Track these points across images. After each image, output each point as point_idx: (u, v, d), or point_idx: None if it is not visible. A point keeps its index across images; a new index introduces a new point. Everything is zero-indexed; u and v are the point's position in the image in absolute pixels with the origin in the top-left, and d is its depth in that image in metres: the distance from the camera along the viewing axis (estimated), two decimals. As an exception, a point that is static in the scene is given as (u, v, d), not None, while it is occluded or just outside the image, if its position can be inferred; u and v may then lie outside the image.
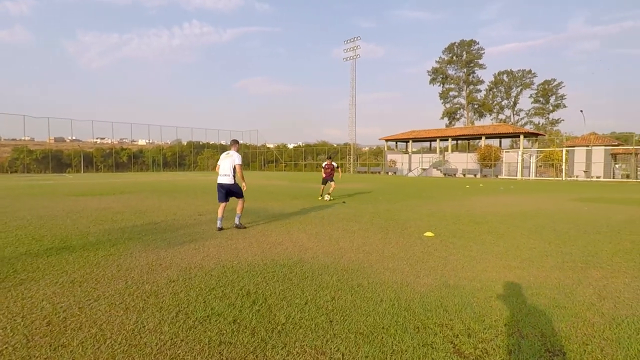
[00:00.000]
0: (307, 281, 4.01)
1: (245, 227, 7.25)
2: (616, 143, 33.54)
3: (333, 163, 13.46)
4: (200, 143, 62.61)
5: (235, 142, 7.40)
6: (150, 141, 61.91)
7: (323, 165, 13.39)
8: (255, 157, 66.17)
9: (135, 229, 6.99)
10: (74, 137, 51.74)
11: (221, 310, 3.19)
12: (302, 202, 12.05)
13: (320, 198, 12.77)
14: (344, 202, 12.13)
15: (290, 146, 73.96)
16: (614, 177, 31.67)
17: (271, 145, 75.00)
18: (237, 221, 7.27)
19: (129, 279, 4.05)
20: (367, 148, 75.42)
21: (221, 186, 7.12)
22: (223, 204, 7.14)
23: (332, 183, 13.03)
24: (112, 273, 4.24)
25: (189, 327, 2.88)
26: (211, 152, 61.19)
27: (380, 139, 50.75)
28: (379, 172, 46.89)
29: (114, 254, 5.08)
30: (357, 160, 55.72)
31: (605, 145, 32.35)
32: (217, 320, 3.00)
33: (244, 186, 7.27)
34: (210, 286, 3.81)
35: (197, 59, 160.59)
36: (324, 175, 13.23)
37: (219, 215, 7.09)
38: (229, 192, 7.17)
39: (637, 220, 8.48)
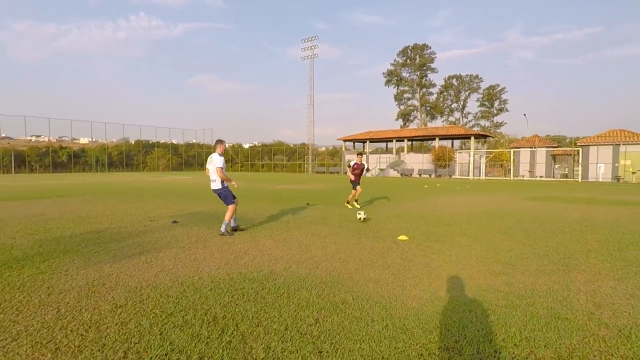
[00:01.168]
0: (283, 299, 3.47)
1: (232, 234, 6.62)
2: (556, 145, 36.06)
3: (364, 162, 11.07)
4: (150, 142, 59.21)
5: (218, 142, 6.84)
6: (94, 139, 57.54)
7: (351, 164, 10.79)
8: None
9: (73, 239, 6.02)
10: (3, 135, 46.71)
11: (183, 345, 2.57)
12: (264, 204, 11.40)
13: (349, 206, 10.29)
14: (307, 203, 11.64)
15: (246, 146, 72.33)
16: (553, 177, 33.99)
17: (226, 145, 72.79)
18: (222, 229, 6.57)
19: (63, 305, 3.28)
20: (323, 148, 75.63)
21: (214, 192, 6.87)
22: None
23: (359, 187, 10.60)
24: (40, 298, 3.43)
25: (142, 372, 2.25)
26: (162, 151, 58.06)
27: (338, 139, 50.90)
28: (337, 172, 46.97)
29: (44, 273, 4.21)
30: (314, 161, 55.51)
31: (547, 147, 34.65)
32: (177, 358, 2.39)
33: (233, 184, 6.89)
34: (168, 311, 3.15)
35: (146, 54, 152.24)
36: (352, 178, 10.64)
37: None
38: (220, 197, 6.82)
39: (590, 219, 8.80)
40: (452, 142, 44.52)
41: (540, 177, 33.02)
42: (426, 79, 69.91)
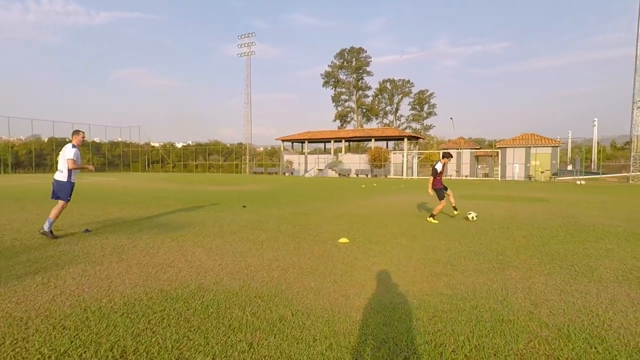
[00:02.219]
0: (211, 321, 2.99)
1: (56, 237, 6.05)
2: (478, 147, 39.11)
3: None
4: (67, 140, 53.35)
5: (75, 132, 6.54)
6: (-5, 136, 50.30)
7: (437, 168, 8.58)
8: (137, 157, 59.24)
9: (-53, 257, 4.88)
10: None
11: (74, 397, 2.00)
12: (196, 208, 10.58)
13: (435, 221, 8.22)
14: (244, 206, 11.04)
15: (179, 145, 68.50)
16: (477, 176, 36.79)
17: (156, 144, 68.32)
18: (45, 227, 6.10)
19: None
20: (262, 148, 74.33)
21: (54, 182, 6.37)
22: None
23: (449, 191, 8.93)
24: None
25: None
26: (81, 150, 52.47)
27: (276, 139, 50.25)
28: (276, 173, 46.32)
29: None
30: (252, 161, 54.25)
31: (471, 149, 37.42)
32: (65, 420, 1.83)
33: (90, 169, 6.92)
34: (60, 349, 2.51)
35: (62, 41, 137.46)
36: (436, 186, 8.63)
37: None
38: (56, 188, 6.31)
39: (514, 216, 9.39)
40: (387, 143, 46.22)
41: (466, 176, 35.54)
42: (362, 82, 72.00)
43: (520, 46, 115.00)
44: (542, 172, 31.53)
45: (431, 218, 8.30)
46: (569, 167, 59.77)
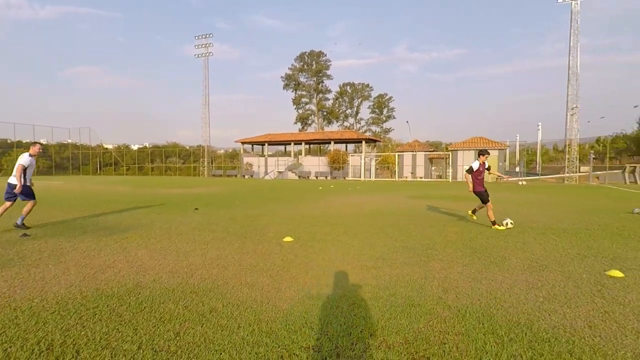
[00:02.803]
0: (143, 314, 3.15)
1: (26, 230, 6.88)
2: (432, 149, 40.89)
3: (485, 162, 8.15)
4: (8, 141, 49.79)
5: (32, 143, 7.47)
6: None
7: (473, 165, 8.03)
8: (87, 159, 56.22)
9: None
10: None
11: (-5, 386, 2.12)
12: (146, 211, 10.43)
13: (501, 227, 7.48)
14: (196, 208, 11.01)
15: (135, 147, 65.83)
16: (431, 177, 38.45)
17: (110, 146, 65.23)
18: (18, 221, 7.16)
19: None
20: (222, 151, 73.03)
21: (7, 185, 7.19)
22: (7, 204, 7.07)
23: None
24: None
25: None
26: (24, 152, 49.16)
27: (235, 142, 49.68)
28: (236, 176, 45.79)
29: None
30: (212, 163, 53.24)
31: (425, 151, 39.08)
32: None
33: (18, 187, 6.99)
34: (-15, 345, 2.59)
35: (3, 37, 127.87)
36: (476, 188, 8.02)
37: None
38: (8, 191, 7.11)
39: (453, 214, 10.11)
40: (346, 146, 47.11)
41: (420, 178, 37.05)
42: (322, 85, 72.83)
43: (473, 54, 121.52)
44: (489, 173, 33.51)
45: (496, 226, 7.53)
46: (517, 169, 63.71)
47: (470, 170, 8.00)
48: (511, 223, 7.50)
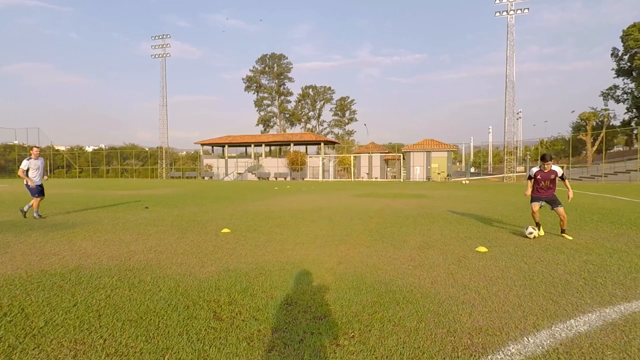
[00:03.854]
0: (81, 286, 3.84)
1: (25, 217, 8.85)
2: (387, 151, 42.85)
3: (556, 168, 6.90)
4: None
5: (30, 148, 9.59)
6: None
7: (534, 173, 6.99)
8: (36, 162, 53.44)
9: None
10: None
11: (-44, 329, 2.78)
12: (96, 211, 10.78)
13: (537, 234, 6.65)
14: (146, 207, 11.47)
15: (89, 149, 63.32)
16: (387, 177, 40.29)
17: (62, 148, 62.34)
18: (25, 207, 9.21)
19: None
20: (184, 152, 71.80)
21: None
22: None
23: (561, 208, 6.78)
24: None
25: None
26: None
27: (195, 143, 49.29)
28: (195, 177, 45.47)
29: None
30: (172, 165, 52.44)
31: (381, 153, 40.91)
32: (-51, 340, 2.62)
33: (30, 184, 8.95)
34: (-57, 308, 3.20)
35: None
36: (539, 193, 6.95)
37: None
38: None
39: (386, 209, 11.26)
40: (307, 148, 48.17)
41: (376, 178, 38.78)
42: (284, 88, 73.60)
43: (432, 59, 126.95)
44: (438, 173, 35.80)
45: (565, 234, 6.72)
46: (472, 170, 67.47)
47: (529, 177, 7.23)
48: (533, 233, 6.49)
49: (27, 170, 8.93)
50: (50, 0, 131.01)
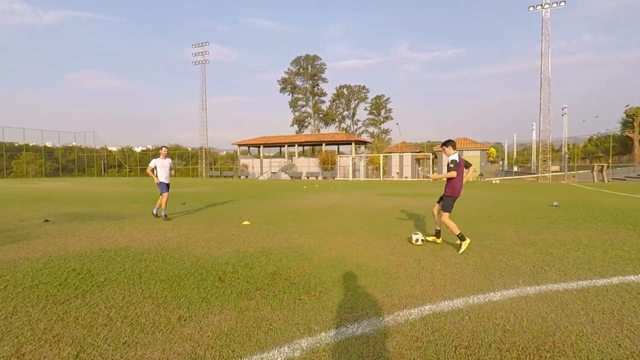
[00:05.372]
0: (128, 258, 5.15)
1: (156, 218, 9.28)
2: (418, 150, 42.87)
3: (454, 156, 6.14)
4: (16, 145, 52.15)
5: (160, 148, 9.82)
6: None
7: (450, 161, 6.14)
8: (92, 162, 58.57)
9: (-62, 237, 6.67)
10: None
11: (48, 280, 4.13)
12: (142, 205, 12.46)
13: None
14: (183, 203, 13.03)
15: (138, 150, 68.11)
16: (418, 177, 40.38)
17: (114, 149, 67.61)
18: (153, 211, 9.52)
19: (-53, 273, 4.45)
20: (225, 152, 75.25)
21: None
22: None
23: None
24: None
25: (18, 292, 3.77)
26: (32, 155, 51.61)
27: (232, 144, 51.78)
28: (232, 177, 47.88)
29: None
30: (212, 165, 55.38)
31: (412, 152, 41.04)
32: (44, 286, 3.95)
33: (156, 181, 9.51)
34: (37, 268, 4.60)
35: (8, 42, 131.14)
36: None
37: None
38: None
39: (399, 207, 12.06)
40: (338, 147, 49.16)
41: (406, 177, 39.02)
42: (318, 88, 74.90)
43: (471, 53, 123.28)
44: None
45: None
46: (515, 168, 65.20)
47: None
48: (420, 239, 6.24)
49: (155, 168, 9.48)
50: (103, 11, 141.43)
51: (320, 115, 76.68)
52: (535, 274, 4.57)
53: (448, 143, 6.24)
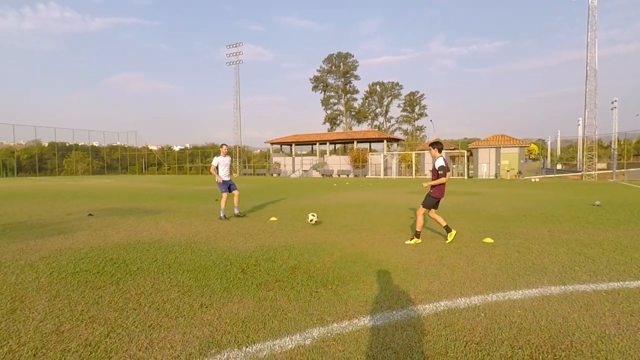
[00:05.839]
0: (160, 250, 5.48)
1: (243, 216, 9.26)
2: (453, 147, 41.71)
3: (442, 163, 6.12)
4: (67, 145, 55.87)
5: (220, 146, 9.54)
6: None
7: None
8: (134, 160, 61.69)
9: (-3, 228, 7.36)
10: None
11: (87, 268, 4.49)
12: (177, 202, 13.06)
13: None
14: (216, 199, 13.50)
15: (176, 148, 70.91)
16: (452, 175, 39.29)
17: (154, 148, 70.79)
18: (235, 212, 9.27)
19: (3, 260, 4.93)
20: (258, 151, 76.84)
21: None
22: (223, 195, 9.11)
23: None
24: (-16, 257, 5.05)
25: (62, 278, 4.13)
26: (81, 154, 55.10)
27: (265, 142, 52.72)
28: (264, 174, 48.79)
29: (-19, 246, 5.72)
30: (246, 163, 56.71)
31: (445, 149, 39.99)
32: (84, 273, 4.30)
33: (218, 180, 9.21)
34: (79, 257, 5.00)
35: (58, 48, 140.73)
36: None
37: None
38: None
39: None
40: (370, 145, 48.80)
41: (440, 175, 38.07)
42: (350, 86, 74.55)
43: (513, 45, 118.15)
44: (507, 170, 34.10)
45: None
46: (559, 166, 62.03)
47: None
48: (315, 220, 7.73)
49: (217, 167, 9.26)
50: (143, 17, 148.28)
51: (352, 113, 76.33)
52: (563, 273, 4.42)
53: (435, 145, 6.24)
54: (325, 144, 47.85)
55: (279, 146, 53.70)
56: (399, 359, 2.50)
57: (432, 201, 6.35)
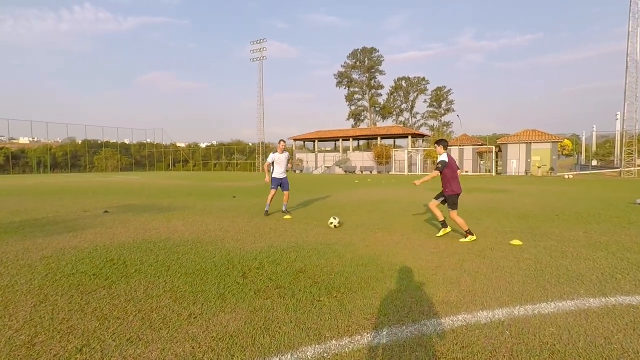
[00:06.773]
0: (164, 250, 5.27)
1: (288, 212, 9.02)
2: (480, 143, 40.19)
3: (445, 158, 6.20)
4: (98, 142, 57.89)
5: (279, 142, 9.23)
6: (35, 139, 55.33)
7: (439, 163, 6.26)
8: (162, 157, 63.24)
9: (11, 225, 7.41)
10: None
11: (85, 270, 4.31)
12: (194, 198, 13.01)
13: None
14: (234, 196, 13.38)
15: (203, 145, 72.13)
16: (480, 172, 37.92)
17: (182, 145, 72.31)
18: (284, 208, 9.16)
19: (4, 260, 4.86)
20: (282, 147, 76.83)
21: None
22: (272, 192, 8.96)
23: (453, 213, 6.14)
24: (-11, 256, 4.99)
25: (55, 281, 3.96)
26: (111, 151, 56.94)
27: (289, 139, 52.68)
28: (288, 171, 48.73)
29: (-9, 244, 5.70)
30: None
31: (473, 145, 38.61)
32: (80, 275, 4.12)
33: (266, 179, 8.99)
34: (80, 258, 4.85)
35: (93, 49, 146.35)
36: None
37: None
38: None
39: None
40: (394, 141, 47.83)
41: (467, 171, 36.80)
42: (375, 81, 73.35)
43: (547, 38, 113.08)
44: (538, 167, 32.48)
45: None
46: (594, 163, 58.82)
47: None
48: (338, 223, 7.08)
49: (273, 164, 8.96)
50: (173, 16, 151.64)
51: (377, 109, 75.15)
52: (604, 283, 3.87)
53: (440, 142, 6.51)
54: (349, 140, 47.27)
55: (302, 143, 53.55)
56: (404, 389, 2.11)
57: (454, 199, 6.28)
